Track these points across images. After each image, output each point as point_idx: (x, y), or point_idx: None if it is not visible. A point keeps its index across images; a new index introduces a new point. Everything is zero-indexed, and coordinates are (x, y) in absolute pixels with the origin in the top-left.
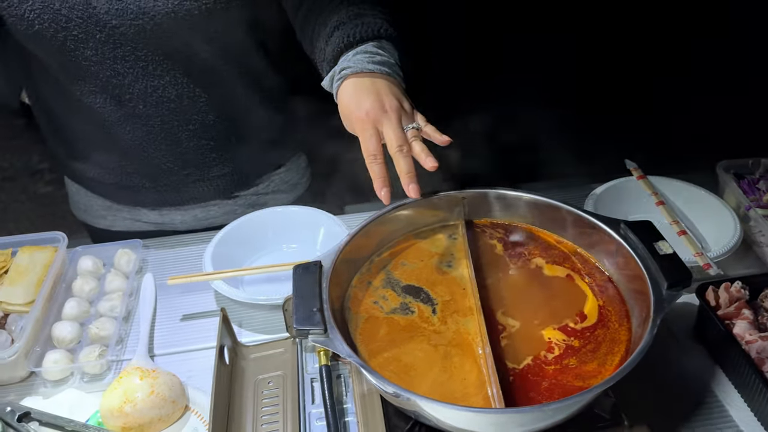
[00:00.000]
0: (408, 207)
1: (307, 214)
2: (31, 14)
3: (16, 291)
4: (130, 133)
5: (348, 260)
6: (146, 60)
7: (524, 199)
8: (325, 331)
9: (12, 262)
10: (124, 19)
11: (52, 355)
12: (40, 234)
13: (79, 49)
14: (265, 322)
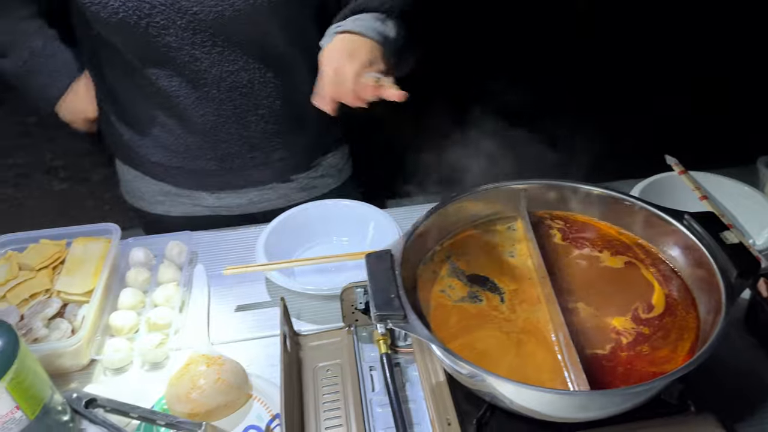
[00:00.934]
0: (467, 199)
1: (357, 207)
2: (116, 2)
3: (74, 281)
4: (202, 117)
5: (413, 250)
6: (223, 46)
7: (584, 191)
8: (404, 316)
9: (67, 253)
10: (204, 5)
11: (113, 343)
12: (92, 225)
13: (160, 35)
14: (316, 312)
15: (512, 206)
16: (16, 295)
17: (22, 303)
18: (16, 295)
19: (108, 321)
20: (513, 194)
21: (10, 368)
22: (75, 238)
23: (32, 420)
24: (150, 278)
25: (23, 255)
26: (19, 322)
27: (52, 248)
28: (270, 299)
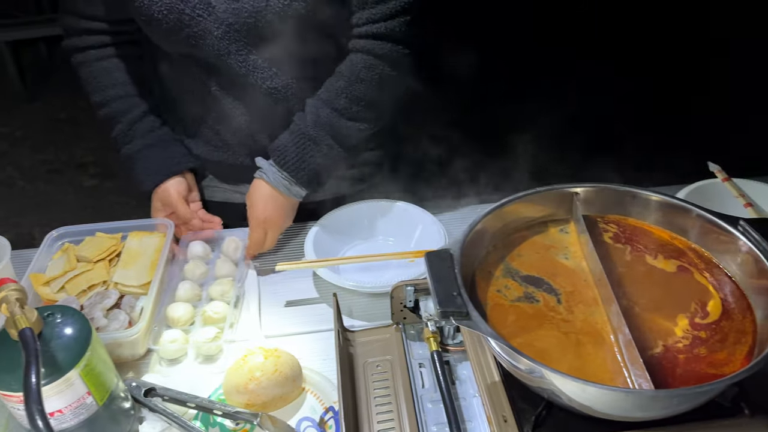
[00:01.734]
0: (520, 201)
1: (405, 209)
2: (159, 15)
3: (130, 273)
4: (239, 118)
5: (469, 250)
6: (257, 54)
7: (637, 195)
8: (467, 313)
9: (123, 246)
10: (239, 17)
11: (170, 334)
12: (146, 220)
13: (199, 45)
14: (363, 309)
15: (564, 209)
16: (75, 285)
17: (80, 294)
18: (75, 285)
19: (165, 312)
20: (565, 197)
21: (84, 355)
22: (130, 232)
23: (100, 406)
24: (207, 272)
25: (80, 247)
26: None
27: (108, 241)
28: (318, 295)
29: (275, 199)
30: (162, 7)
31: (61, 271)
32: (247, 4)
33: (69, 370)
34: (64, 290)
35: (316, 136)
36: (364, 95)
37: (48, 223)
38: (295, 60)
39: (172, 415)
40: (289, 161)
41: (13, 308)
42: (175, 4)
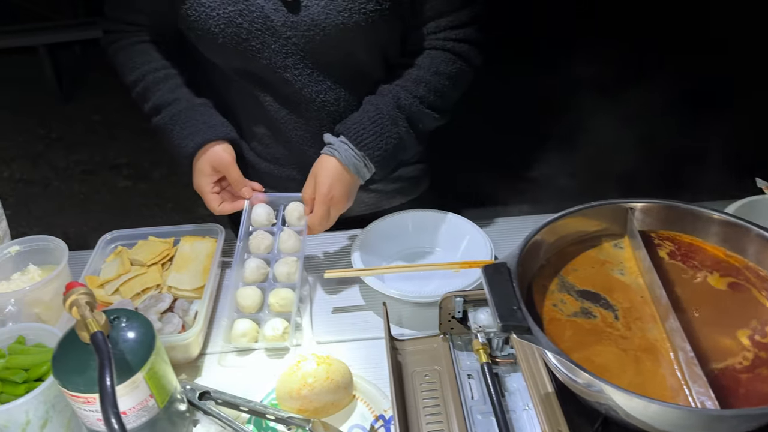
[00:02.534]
0: (574, 215)
1: (452, 220)
2: (216, 28)
3: (183, 277)
4: (291, 131)
5: (524, 264)
6: (313, 68)
7: (692, 212)
8: (528, 328)
9: (176, 251)
10: (297, 30)
11: (241, 325)
12: (198, 225)
13: (255, 58)
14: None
15: (618, 224)
16: (130, 288)
17: (134, 297)
18: (130, 288)
19: (235, 297)
20: (620, 212)
21: (149, 358)
22: (182, 237)
23: (161, 409)
24: (272, 245)
25: (133, 251)
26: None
27: (160, 245)
28: (364, 303)
29: (342, 177)
30: (219, 21)
31: (115, 274)
32: (306, 17)
33: (135, 373)
34: (118, 293)
35: (395, 116)
36: (441, 87)
37: (84, 223)
38: (351, 73)
39: (225, 418)
40: (366, 139)
41: (84, 311)
42: (233, 18)
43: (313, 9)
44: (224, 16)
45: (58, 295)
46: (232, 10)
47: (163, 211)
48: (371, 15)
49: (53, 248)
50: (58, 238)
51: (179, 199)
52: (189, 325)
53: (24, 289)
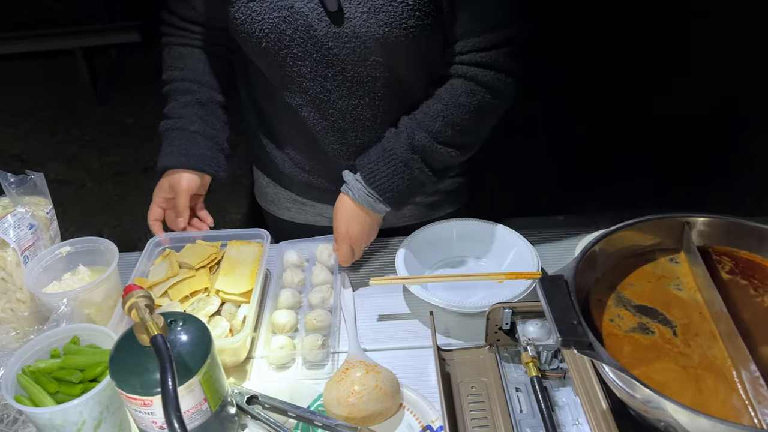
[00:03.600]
0: (630, 228)
1: (499, 231)
2: (260, 33)
3: (231, 281)
4: (327, 143)
5: (580, 278)
6: (352, 81)
7: (749, 228)
8: (589, 343)
9: (223, 255)
10: (338, 41)
11: (278, 340)
12: (243, 230)
13: (296, 66)
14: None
15: (674, 238)
16: (178, 291)
17: (182, 300)
18: (178, 291)
19: (270, 319)
20: (676, 226)
21: (205, 363)
22: (229, 241)
23: (213, 412)
24: (304, 279)
25: (181, 254)
26: None
27: (208, 249)
28: (409, 311)
29: (358, 216)
30: (264, 25)
31: (164, 277)
32: (348, 29)
33: (192, 377)
34: (166, 295)
35: (409, 159)
36: (461, 121)
37: (117, 224)
38: (389, 88)
39: (274, 423)
40: (378, 180)
41: (144, 314)
42: (277, 24)
43: (356, 21)
44: (269, 22)
45: (108, 296)
46: (276, 16)
47: None
48: (412, 30)
49: (103, 250)
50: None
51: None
52: (236, 328)
53: (75, 290)
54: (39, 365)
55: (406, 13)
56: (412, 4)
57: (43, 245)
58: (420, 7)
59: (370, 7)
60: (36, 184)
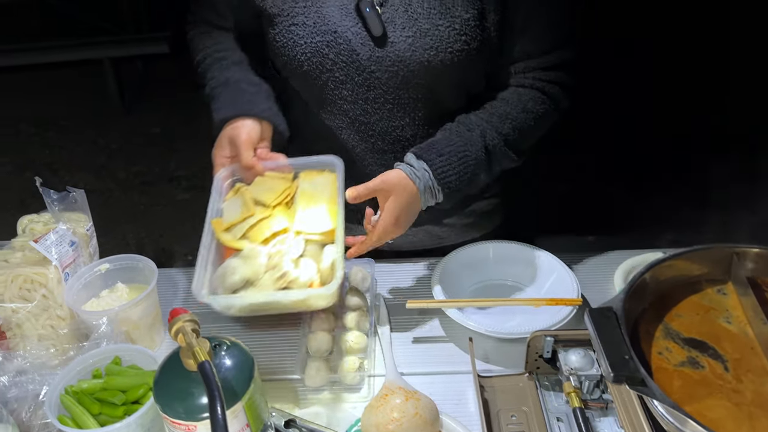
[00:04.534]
0: (677, 259)
1: (539, 255)
2: (302, 57)
3: (311, 220)
4: (366, 164)
5: (629, 309)
6: (393, 103)
7: None
8: (641, 379)
9: (296, 189)
10: (381, 65)
11: (314, 363)
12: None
13: (338, 89)
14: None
15: (721, 269)
16: (257, 233)
17: (263, 242)
18: (257, 233)
19: (306, 341)
20: (723, 257)
21: (249, 388)
22: (301, 173)
23: None
24: (340, 302)
25: (253, 189)
26: (268, 263)
27: (281, 183)
28: (445, 334)
29: (414, 205)
30: (306, 49)
31: (239, 217)
32: (391, 53)
33: (236, 402)
34: (246, 238)
35: (481, 159)
36: (527, 126)
37: (146, 234)
38: (430, 110)
39: None
40: (449, 176)
41: (191, 339)
42: (320, 48)
43: (400, 45)
44: (311, 46)
45: (146, 314)
46: (319, 41)
47: None
48: (458, 54)
49: (142, 267)
50: (119, 244)
51: None
52: (324, 274)
53: (115, 309)
54: (82, 385)
55: (452, 37)
56: (459, 29)
57: (82, 262)
58: (466, 32)
59: (416, 31)
60: (77, 201)
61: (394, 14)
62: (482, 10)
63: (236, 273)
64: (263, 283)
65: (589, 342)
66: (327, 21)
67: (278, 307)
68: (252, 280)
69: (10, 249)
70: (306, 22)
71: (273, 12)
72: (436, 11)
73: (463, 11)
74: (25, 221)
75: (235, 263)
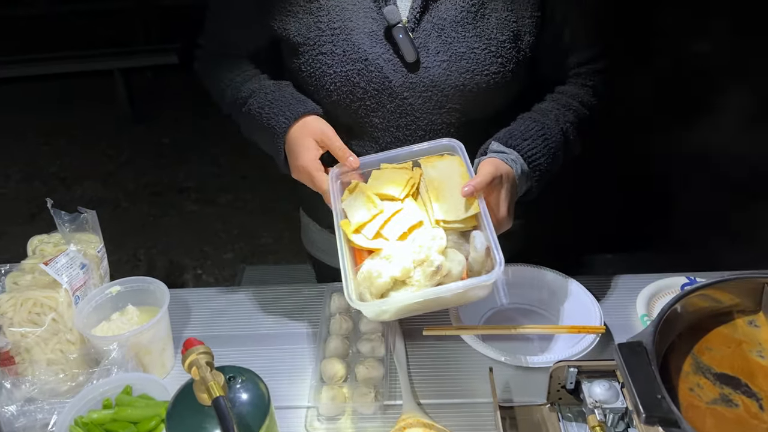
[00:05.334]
0: (707, 289)
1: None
2: (332, 86)
3: (446, 207)
4: None
5: (659, 342)
6: (425, 129)
7: None
8: (675, 421)
9: (421, 177)
10: (415, 91)
11: (329, 391)
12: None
13: (368, 117)
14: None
15: (752, 299)
16: (394, 230)
17: (401, 237)
18: (394, 230)
19: (319, 368)
20: (755, 287)
21: (264, 423)
22: (421, 159)
23: None
24: (353, 326)
25: (373, 184)
26: (416, 258)
27: (401, 173)
28: (463, 362)
29: (514, 196)
30: (336, 78)
31: (368, 216)
32: (425, 78)
33: None
34: (380, 236)
35: (560, 144)
36: (586, 118)
37: (152, 245)
38: (462, 134)
39: None
40: (538, 159)
41: (205, 373)
42: (350, 76)
43: (434, 70)
44: (341, 75)
45: (157, 338)
46: (350, 69)
47: (229, 236)
48: (494, 77)
49: (153, 290)
50: (130, 259)
51: (245, 226)
52: (478, 260)
53: (126, 334)
54: (92, 416)
55: (488, 60)
56: (495, 51)
57: (93, 284)
58: (502, 54)
59: (451, 55)
60: (88, 222)
61: (427, 39)
62: (517, 32)
63: (383, 275)
64: (417, 280)
65: (614, 373)
66: (357, 49)
67: (438, 303)
68: (401, 279)
69: (20, 271)
70: (335, 51)
71: (297, 41)
72: (471, 34)
73: (498, 33)
74: (35, 242)
75: (378, 264)
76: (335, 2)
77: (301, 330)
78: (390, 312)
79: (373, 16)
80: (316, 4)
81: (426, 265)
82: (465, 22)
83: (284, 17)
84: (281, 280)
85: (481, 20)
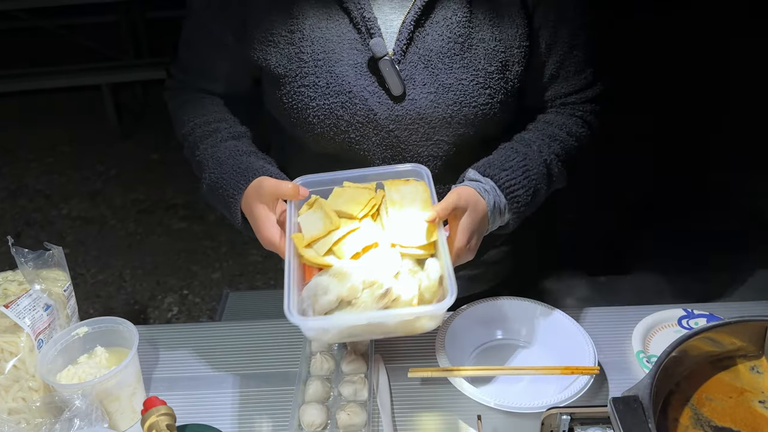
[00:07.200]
0: (707, 333)
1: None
2: (314, 119)
3: (405, 232)
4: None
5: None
6: (412, 161)
7: None
8: None
9: (383, 199)
10: (400, 123)
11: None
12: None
13: (353, 149)
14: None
15: (755, 343)
16: (346, 248)
17: (354, 257)
18: (346, 248)
19: (297, 414)
20: (759, 330)
21: None
22: (385, 182)
23: None
24: (334, 366)
25: (333, 200)
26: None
27: (364, 193)
28: (450, 404)
29: (482, 227)
30: (319, 111)
31: (322, 231)
32: (411, 110)
33: None
34: (331, 253)
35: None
36: (571, 149)
37: (139, 265)
38: (449, 165)
39: None
40: (515, 190)
41: None
42: (334, 109)
43: (421, 102)
44: (325, 107)
45: (126, 384)
46: (333, 102)
47: (217, 254)
48: (482, 108)
49: (122, 330)
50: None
51: (234, 244)
52: (431, 289)
53: (92, 381)
54: None
55: (476, 91)
56: (483, 82)
57: (59, 325)
58: (490, 85)
59: (438, 87)
60: (54, 257)
61: (414, 71)
62: (505, 62)
63: (329, 292)
64: (363, 302)
65: (608, 419)
66: (341, 81)
67: (381, 330)
68: (348, 299)
69: None
70: (318, 83)
71: (279, 72)
72: (458, 65)
73: (486, 64)
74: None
75: (325, 281)
76: (318, 33)
77: (280, 369)
78: (332, 332)
79: (358, 47)
80: (298, 34)
81: (375, 288)
82: (452, 53)
83: (264, 47)
84: (265, 307)
85: (469, 51)
